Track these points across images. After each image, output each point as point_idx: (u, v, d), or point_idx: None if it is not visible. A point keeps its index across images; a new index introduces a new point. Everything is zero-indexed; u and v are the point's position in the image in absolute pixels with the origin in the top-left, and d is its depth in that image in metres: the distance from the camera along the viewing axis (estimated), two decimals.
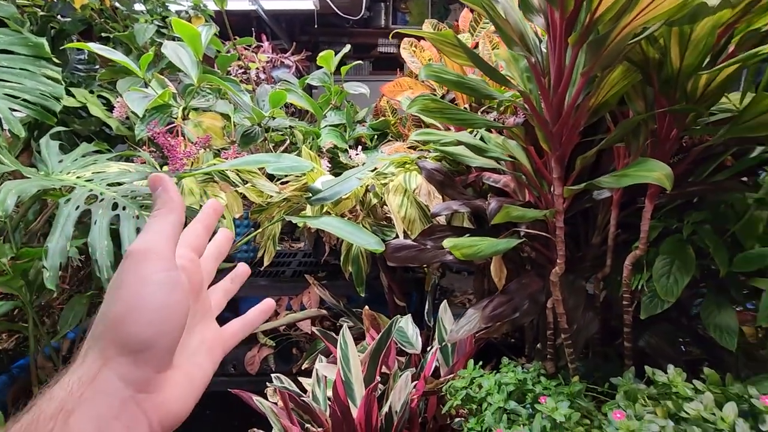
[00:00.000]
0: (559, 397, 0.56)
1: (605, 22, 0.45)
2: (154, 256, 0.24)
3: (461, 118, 0.58)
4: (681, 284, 0.58)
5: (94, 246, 0.86)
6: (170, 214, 0.26)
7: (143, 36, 1.26)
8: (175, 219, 0.26)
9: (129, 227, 0.90)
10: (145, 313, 0.23)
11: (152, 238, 0.25)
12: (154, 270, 0.24)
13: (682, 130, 0.57)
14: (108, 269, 0.86)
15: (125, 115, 1.25)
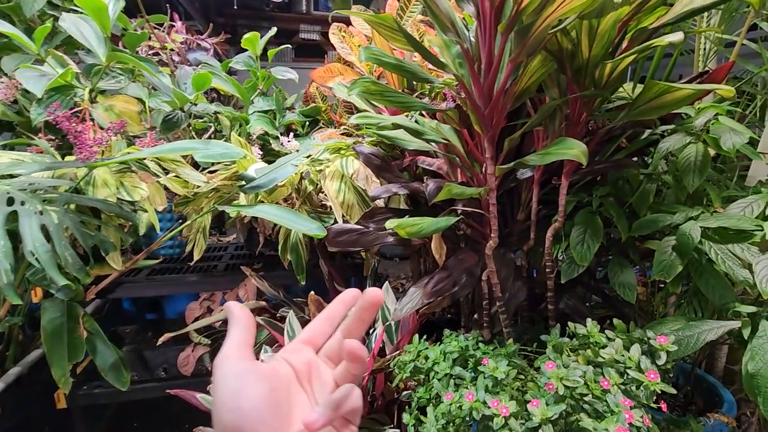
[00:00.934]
0: (497, 358, 0.61)
1: (529, 13, 0.50)
2: (225, 360, 0.28)
3: (401, 101, 0.61)
4: (593, 249, 0.67)
5: None
6: (234, 326, 0.31)
7: (31, 6, 1.09)
8: (239, 329, 0.30)
9: (31, 224, 0.79)
10: (227, 401, 0.26)
11: (224, 349, 0.29)
12: (228, 367, 0.28)
13: (590, 114, 0.64)
14: (7, 273, 0.76)
15: (12, 97, 1.09)
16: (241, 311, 0.32)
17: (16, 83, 1.04)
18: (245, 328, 0.31)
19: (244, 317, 0.31)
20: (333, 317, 0.34)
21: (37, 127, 1.05)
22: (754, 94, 0.90)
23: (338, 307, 0.34)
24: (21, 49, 1.12)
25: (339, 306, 0.34)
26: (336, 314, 0.34)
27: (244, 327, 0.31)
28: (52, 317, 1.02)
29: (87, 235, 0.86)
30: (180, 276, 1.24)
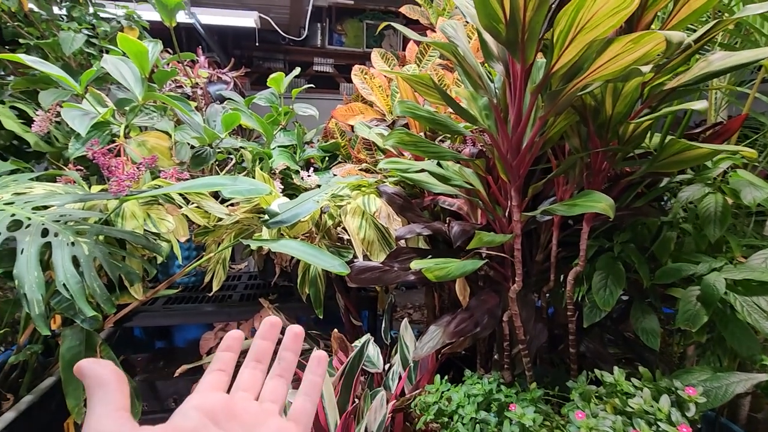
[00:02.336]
0: (523, 403, 0.62)
1: (557, 78, 0.53)
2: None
3: (433, 150, 0.64)
4: (615, 295, 0.68)
5: (21, 279, 0.77)
6: (96, 391, 0.25)
7: (70, 45, 1.15)
8: (104, 392, 0.25)
9: (63, 256, 0.82)
10: None
11: (90, 423, 0.24)
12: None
13: (612, 165, 0.67)
14: (39, 304, 0.77)
15: (46, 129, 1.14)
16: (103, 368, 0.26)
17: (50, 116, 1.09)
18: (114, 390, 0.25)
19: (107, 374, 0.25)
20: (260, 357, 0.33)
21: (67, 158, 1.09)
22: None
23: (263, 346, 0.33)
24: (57, 84, 1.18)
25: (262, 344, 0.33)
26: (264, 354, 0.33)
27: (112, 389, 0.25)
28: (70, 345, 1.03)
29: (115, 266, 0.88)
30: (196, 306, 1.25)
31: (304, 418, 0.30)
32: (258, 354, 0.32)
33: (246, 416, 0.28)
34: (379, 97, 1.18)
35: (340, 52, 3.23)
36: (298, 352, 0.33)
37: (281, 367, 0.32)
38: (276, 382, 0.31)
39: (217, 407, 0.28)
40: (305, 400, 0.31)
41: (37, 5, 1.29)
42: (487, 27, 0.51)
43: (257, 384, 0.31)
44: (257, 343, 0.33)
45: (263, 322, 0.34)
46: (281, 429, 0.28)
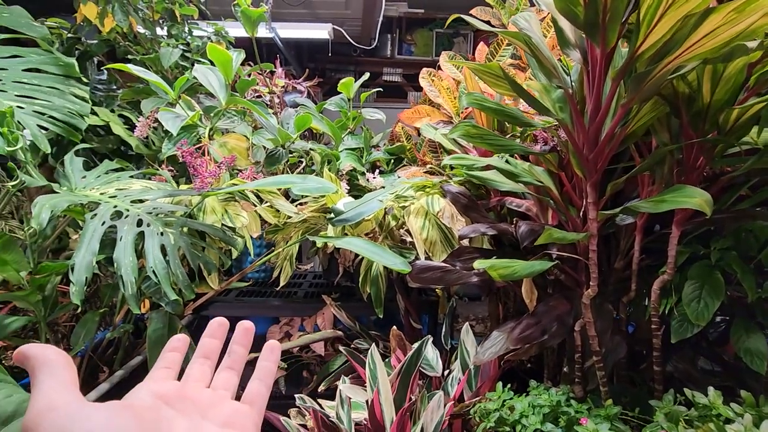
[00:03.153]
0: (597, 419, 0.56)
1: (644, 60, 0.49)
2: (52, 412, 0.22)
3: (500, 143, 0.61)
4: (711, 308, 0.60)
5: (119, 262, 0.86)
6: (42, 369, 0.24)
7: (168, 59, 1.29)
8: (52, 370, 0.24)
9: (153, 244, 0.90)
10: None
11: (39, 400, 0.23)
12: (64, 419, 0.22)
13: (709, 161, 0.60)
14: (132, 285, 0.86)
15: (146, 134, 1.28)
16: (46, 350, 0.24)
17: (149, 122, 1.22)
18: (61, 367, 0.24)
19: (51, 354, 0.24)
20: (208, 354, 0.32)
21: (161, 159, 1.22)
22: None
23: (210, 344, 0.33)
24: (156, 93, 1.33)
25: (209, 342, 0.33)
26: (211, 351, 0.32)
27: (59, 366, 0.24)
28: (156, 327, 1.13)
29: (195, 255, 0.96)
30: (265, 300, 1.32)
31: (259, 400, 0.30)
32: (205, 351, 0.32)
33: (199, 399, 0.28)
34: (446, 99, 1.17)
35: (409, 61, 3.27)
36: (248, 347, 0.33)
37: (231, 359, 0.32)
38: (226, 374, 0.31)
39: (170, 392, 0.27)
40: (260, 384, 0.31)
41: (143, 26, 1.47)
42: (564, 10, 0.48)
43: (206, 377, 0.31)
44: (204, 341, 0.33)
45: (210, 322, 0.33)
46: (236, 410, 0.28)
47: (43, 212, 0.77)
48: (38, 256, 1.12)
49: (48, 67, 1.11)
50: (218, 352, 0.33)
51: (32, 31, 1.13)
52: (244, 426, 0.28)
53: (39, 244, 1.11)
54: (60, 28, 1.40)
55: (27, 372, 0.24)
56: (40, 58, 1.11)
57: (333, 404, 0.84)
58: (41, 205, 0.78)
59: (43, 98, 1.08)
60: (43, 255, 1.16)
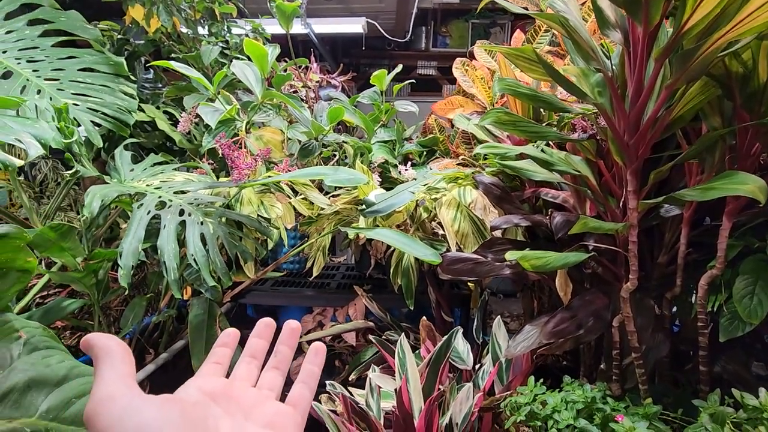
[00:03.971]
0: (634, 417, 0.54)
1: (691, 37, 0.46)
2: (110, 401, 0.24)
3: (533, 130, 0.59)
4: (766, 306, 0.56)
5: (163, 248, 0.90)
6: (104, 360, 0.25)
7: (208, 56, 1.34)
8: (113, 361, 0.25)
9: (194, 233, 0.95)
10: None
11: (101, 389, 0.24)
12: (119, 408, 0.23)
13: (766, 146, 0.55)
14: (174, 270, 0.90)
15: (188, 129, 1.33)
16: (109, 340, 0.26)
17: (191, 118, 1.28)
18: (121, 359, 0.25)
19: (113, 345, 0.26)
20: (255, 354, 0.33)
21: (202, 153, 1.27)
22: None
23: (257, 344, 0.33)
24: (197, 90, 1.38)
25: (257, 342, 0.34)
26: (258, 351, 0.33)
27: (119, 358, 0.25)
28: (196, 313, 1.19)
29: (233, 244, 1.00)
30: (299, 289, 1.35)
31: (303, 402, 0.31)
32: (252, 351, 0.33)
33: (244, 399, 0.29)
34: (480, 89, 1.15)
35: (444, 53, 3.22)
36: (294, 347, 0.34)
37: (277, 359, 0.33)
38: (272, 374, 0.32)
39: (217, 390, 0.29)
40: (303, 387, 0.32)
41: (186, 26, 1.54)
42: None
43: (252, 377, 0.32)
44: (252, 341, 0.34)
45: (258, 323, 0.34)
46: (279, 411, 0.29)
47: (95, 201, 0.82)
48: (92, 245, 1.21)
49: (100, 67, 1.19)
50: (265, 351, 0.34)
51: (86, 34, 1.20)
52: (285, 427, 0.28)
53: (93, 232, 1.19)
54: (111, 30, 1.49)
55: (79, 353, 0.27)
56: (93, 58, 1.18)
57: (363, 392, 0.86)
58: (93, 194, 0.84)
59: (96, 96, 1.15)
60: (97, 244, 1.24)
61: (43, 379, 0.27)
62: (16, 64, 1.11)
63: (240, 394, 0.29)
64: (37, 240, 0.75)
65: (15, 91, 1.06)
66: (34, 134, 0.78)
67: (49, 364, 0.29)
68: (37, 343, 0.30)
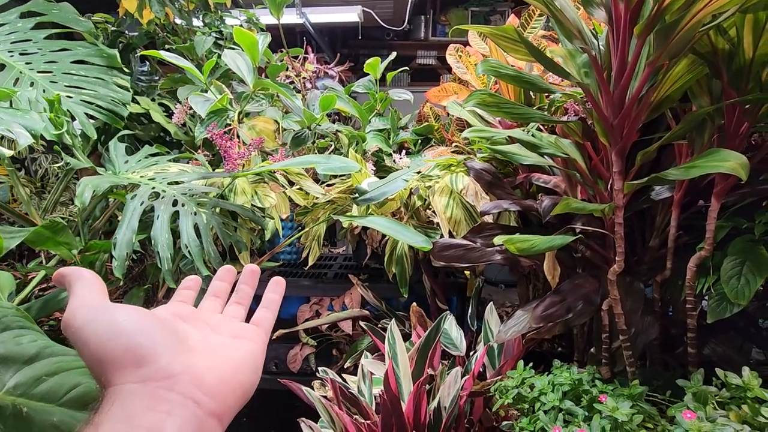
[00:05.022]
0: (619, 398, 0.54)
1: (674, 11, 0.45)
2: (82, 308, 0.25)
3: (518, 112, 0.59)
4: (753, 286, 0.55)
5: (156, 239, 0.91)
6: (77, 283, 0.27)
7: (202, 47, 1.34)
8: (84, 283, 0.27)
9: (188, 222, 0.95)
10: (104, 333, 0.24)
11: (75, 301, 0.26)
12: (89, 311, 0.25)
13: (753, 124, 0.54)
14: (168, 260, 0.91)
15: (183, 121, 1.34)
16: (81, 270, 0.28)
17: (186, 109, 1.28)
18: (92, 283, 0.27)
19: (86, 273, 0.28)
20: (218, 293, 0.35)
21: (198, 144, 1.27)
22: None
23: (219, 285, 0.36)
24: (192, 81, 1.38)
25: (219, 284, 0.36)
26: (221, 291, 0.36)
27: (91, 282, 0.27)
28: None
29: (227, 234, 1.00)
30: (296, 279, 1.36)
31: (265, 322, 0.33)
32: (215, 291, 0.36)
33: (210, 320, 0.31)
34: (474, 75, 1.14)
35: (443, 43, 3.19)
36: (254, 287, 0.37)
37: (239, 296, 0.36)
38: (234, 307, 0.35)
39: (184, 312, 0.30)
40: (266, 311, 0.34)
41: (180, 17, 1.53)
42: None
43: (217, 310, 0.34)
44: (215, 283, 0.36)
45: (220, 269, 0.37)
46: (244, 328, 0.31)
47: (86, 192, 0.83)
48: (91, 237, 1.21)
49: (93, 59, 1.19)
50: (227, 292, 0.36)
51: (78, 26, 1.20)
52: (251, 337, 0.31)
53: (90, 225, 1.20)
54: (105, 23, 1.49)
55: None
56: (86, 50, 1.18)
57: (356, 379, 0.86)
58: (84, 185, 0.84)
59: (90, 88, 1.15)
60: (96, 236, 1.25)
61: (12, 356, 0.28)
62: (9, 56, 1.11)
63: (207, 316, 0.32)
64: (32, 237, 0.75)
65: (8, 84, 1.06)
66: (25, 125, 0.79)
67: (20, 342, 0.29)
68: (9, 323, 0.31)
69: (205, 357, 0.26)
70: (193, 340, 0.27)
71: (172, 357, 0.24)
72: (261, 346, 0.31)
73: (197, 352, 0.27)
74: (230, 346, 0.29)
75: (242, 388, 0.27)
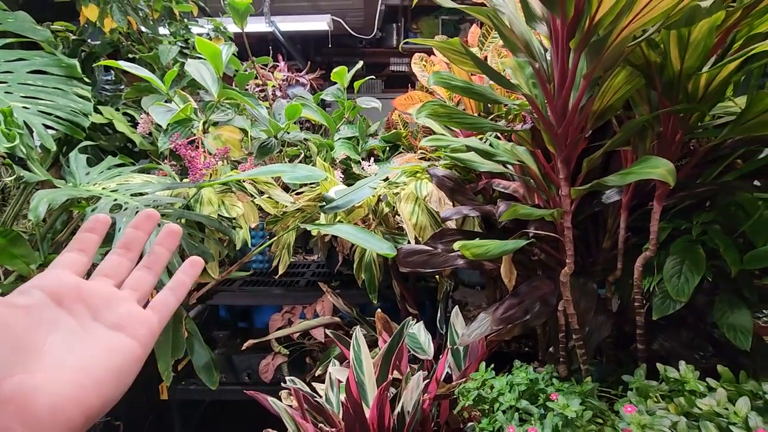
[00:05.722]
0: (570, 396, 0.56)
1: (604, 26, 0.48)
2: None
3: (469, 122, 0.61)
4: (692, 283, 0.59)
5: None
6: None
7: (167, 56, 1.32)
8: None
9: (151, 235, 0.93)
10: None
11: None
12: None
13: (686, 132, 0.58)
14: None
15: (148, 131, 1.31)
16: None
17: (151, 119, 1.26)
18: None
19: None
20: (130, 246, 0.30)
21: (164, 154, 1.25)
22: None
23: (134, 235, 0.31)
24: (157, 91, 1.36)
25: (133, 233, 0.31)
26: (134, 243, 0.31)
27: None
28: None
29: (192, 245, 0.99)
30: (267, 288, 1.35)
31: (164, 309, 0.29)
32: (127, 242, 0.30)
33: (95, 299, 0.27)
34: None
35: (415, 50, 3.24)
36: (172, 250, 0.32)
37: (150, 260, 0.31)
38: (142, 273, 0.30)
39: (65, 288, 0.26)
40: (169, 293, 0.30)
41: (144, 26, 1.51)
42: None
43: (122, 271, 0.29)
44: (128, 231, 0.31)
45: (139, 213, 0.32)
46: (133, 313, 0.27)
47: (41, 205, 0.81)
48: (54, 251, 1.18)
49: (51, 69, 1.16)
50: (142, 244, 0.31)
51: (36, 35, 1.17)
52: (135, 330, 0.26)
53: (50, 238, 1.16)
54: (66, 31, 1.45)
55: None
56: (44, 60, 1.15)
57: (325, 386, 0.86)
58: (39, 198, 0.82)
59: (48, 98, 1.12)
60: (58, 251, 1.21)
61: None
62: None
63: (92, 292, 0.27)
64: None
65: None
66: None
67: None
68: None
69: (53, 370, 0.23)
70: (49, 342, 0.24)
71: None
72: (143, 346, 0.26)
73: (45, 362, 0.23)
74: (100, 346, 0.25)
75: (90, 410, 0.23)
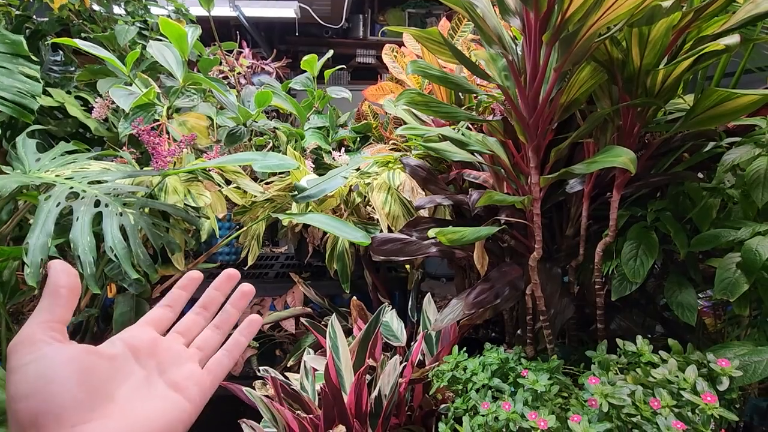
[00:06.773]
0: (539, 372, 0.59)
1: (575, 22, 0.50)
2: (21, 345, 0.25)
3: (445, 111, 0.63)
4: (647, 266, 0.64)
5: (76, 242, 0.85)
6: (47, 297, 0.26)
7: (124, 37, 1.25)
8: (51, 302, 0.26)
9: (112, 224, 0.89)
10: (23, 388, 0.23)
11: (25, 329, 0.25)
12: (26, 355, 0.24)
13: (644, 125, 0.62)
14: (90, 265, 0.85)
15: (105, 116, 1.24)
16: (62, 275, 0.26)
17: (108, 103, 1.19)
18: (61, 301, 0.26)
19: (62, 283, 0.26)
20: (208, 306, 0.34)
21: (122, 141, 1.19)
22: None
23: (213, 295, 0.34)
24: (114, 73, 1.29)
25: (213, 294, 0.34)
26: (212, 303, 0.34)
27: (60, 299, 0.26)
28: (122, 311, 1.13)
29: (157, 236, 0.95)
30: None
31: (218, 370, 0.32)
32: (206, 302, 0.34)
33: (165, 356, 0.30)
34: (409, 75, 1.18)
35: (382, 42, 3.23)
36: (242, 310, 0.35)
37: (221, 319, 0.34)
38: (211, 332, 0.33)
39: (144, 343, 0.29)
40: (225, 355, 0.32)
41: (98, 4, 1.42)
42: None
43: (195, 329, 0.33)
44: (209, 292, 0.34)
45: (222, 274, 0.35)
46: (192, 374, 0.30)
47: None
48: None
49: None
50: (219, 304, 0.34)
51: None
52: (189, 393, 0.29)
53: None
54: (8, 5, 1.34)
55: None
56: None
57: (299, 376, 0.86)
58: None
59: None
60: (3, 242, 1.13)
61: None
62: None
63: (164, 350, 0.30)
64: None
65: None
66: None
67: None
68: None
69: (120, 419, 0.25)
70: (121, 392, 0.26)
71: (68, 427, 0.23)
72: (195, 407, 0.29)
73: (114, 410, 0.25)
74: (158, 404, 0.27)
75: None
